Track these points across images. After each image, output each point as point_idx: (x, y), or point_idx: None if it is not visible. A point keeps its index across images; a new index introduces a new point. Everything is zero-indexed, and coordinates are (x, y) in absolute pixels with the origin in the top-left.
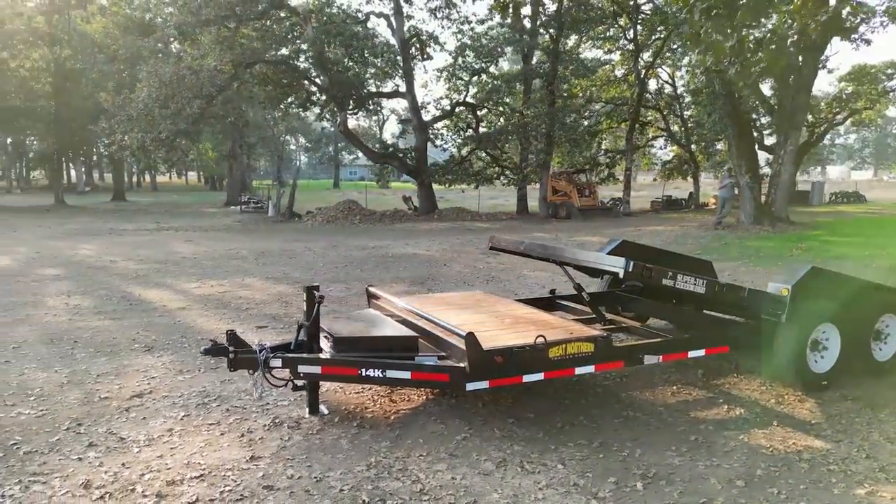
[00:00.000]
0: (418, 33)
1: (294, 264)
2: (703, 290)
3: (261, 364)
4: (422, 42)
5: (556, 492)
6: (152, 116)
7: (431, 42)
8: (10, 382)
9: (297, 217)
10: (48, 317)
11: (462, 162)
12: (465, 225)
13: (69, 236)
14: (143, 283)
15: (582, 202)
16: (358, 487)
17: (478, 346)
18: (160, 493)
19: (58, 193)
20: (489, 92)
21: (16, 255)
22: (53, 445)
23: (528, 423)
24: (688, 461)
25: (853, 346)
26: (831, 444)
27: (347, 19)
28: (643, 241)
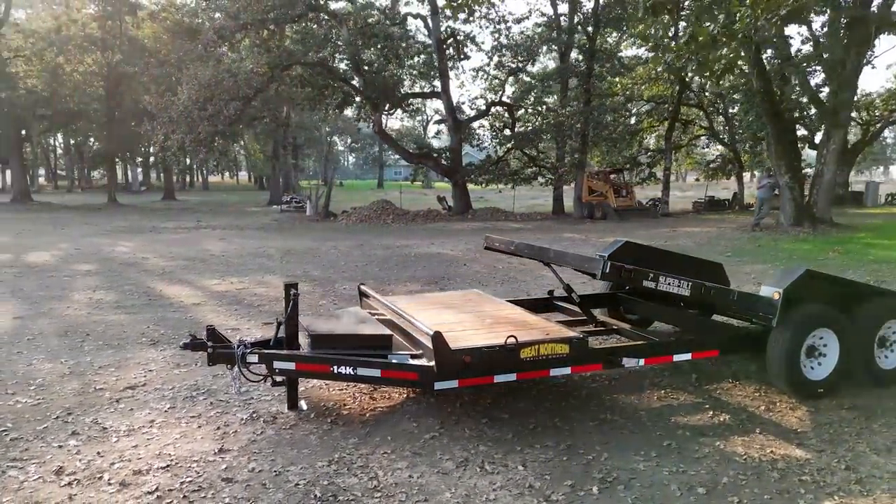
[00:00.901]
0: (454, 33)
1: (316, 263)
2: (687, 292)
3: (237, 360)
4: (458, 42)
5: (509, 493)
6: (192, 118)
7: (468, 42)
8: (16, 372)
9: (333, 216)
10: (69, 310)
11: (498, 162)
12: (498, 225)
13: (112, 234)
14: (167, 279)
15: (618, 202)
16: (314, 482)
17: (445, 346)
18: (124, 481)
19: (111, 192)
20: (525, 91)
21: (56, 251)
22: (40, 433)
23: (501, 423)
24: (653, 467)
25: (854, 354)
26: (812, 453)
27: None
28: (677, 243)
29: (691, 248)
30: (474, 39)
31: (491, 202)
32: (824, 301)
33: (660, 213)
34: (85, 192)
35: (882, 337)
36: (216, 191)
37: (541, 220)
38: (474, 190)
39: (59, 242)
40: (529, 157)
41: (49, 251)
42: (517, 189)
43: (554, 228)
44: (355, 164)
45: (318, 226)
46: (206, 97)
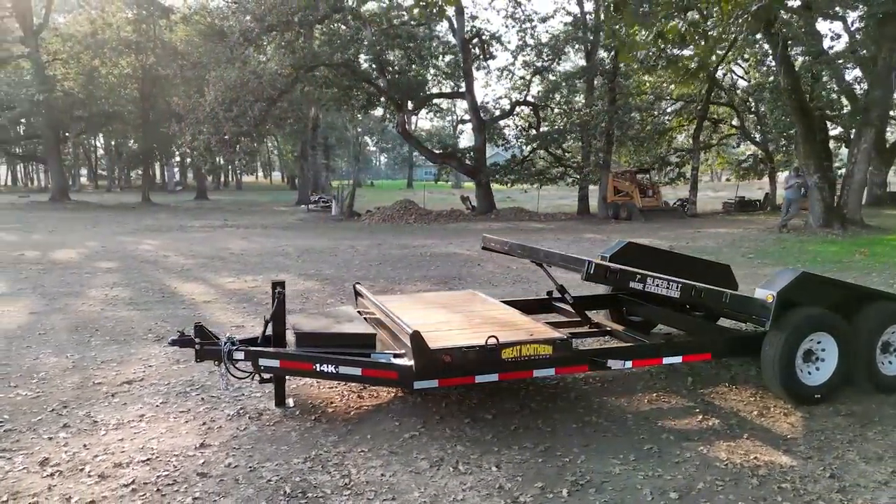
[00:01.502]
0: (479, 33)
1: (331, 262)
2: (677, 294)
3: (224, 356)
4: (483, 42)
5: (478, 493)
6: (217, 119)
7: (493, 41)
8: (22, 366)
9: (357, 216)
10: (83, 306)
11: (523, 161)
12: (520, 225)
13: (139, 232)
14: (183, 277)
15: (644, 203)
16: (286, 479)
17: (423, 345)
18: (104, 473)
19: (144, 192)
20: (550, 90)
21: (82, 249)
22: (33, 425)
23: (483, 424)
24: (629, 470)
25: (855, 359)
26: (797, 460)
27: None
28: (699, 244)
29: (713, 250)
30: (500, 39)
31: (518, 202)
32: (822, 304)
33: (687, 214)
34: (123, 191)
35: (886, 342)
36: (249, 190)
37: (564, 221)
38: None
39: (88, 240)
40: (555, 156)
41: (75, 249)
42: (546, 189)
43: (576, 229)
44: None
45: (340, 225)
46: (232, 98)
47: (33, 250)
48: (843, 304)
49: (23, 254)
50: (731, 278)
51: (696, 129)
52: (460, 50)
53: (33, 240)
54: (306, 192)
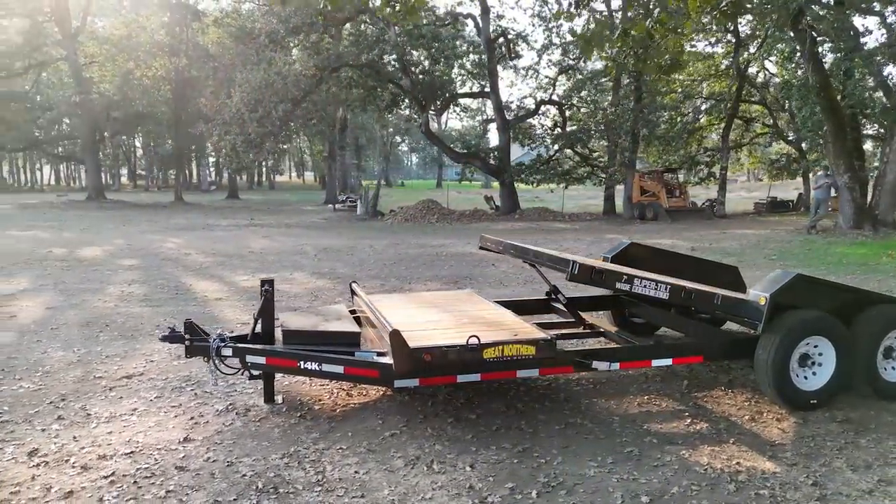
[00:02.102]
0: (505, 32)
1: (347, 260)
2: (665, 295)
3: (212, 352)
4: (509, 41)
5: (447, 493)
6: (243, 120)
7: (519, 40)
8: (29, 359)
9: (381, 215)
10: (99, 302)
11: (549, 161)
12: (543, 225)
13: (167, 230)
14: (200, 274)
15: (670, 203)
16: (261, 474)
17: (403, 344)
18: (87, 465)
19: (177, 191)
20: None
21: (108, 247)
22: (30, 417)
23: (466, 423)
24: (604, 473)
25: (854, 364)
26: (781, 467)
27: (436, 21)
28: (722, 245)
29: (735, 251)
30: (525, 38)
31: (545, 202)
32: (820, 308)
33: (715, 215)
34: (160, 191)
35: (889, 347)
36: (282, 190)
37: (589, 221)
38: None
39: (115, 238)
40: (582, 156)
41: (102, 246)
42: (575, 189)
43: (599, 229)
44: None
45: (364, 225)
46: (257, 99)
47: (62, 247)
48: (842, 308)
49: (51, 251)
50: (739, 280)
51: (725, 127)
52: (485, 49)
53: (64, 237)
54: (334, 191)
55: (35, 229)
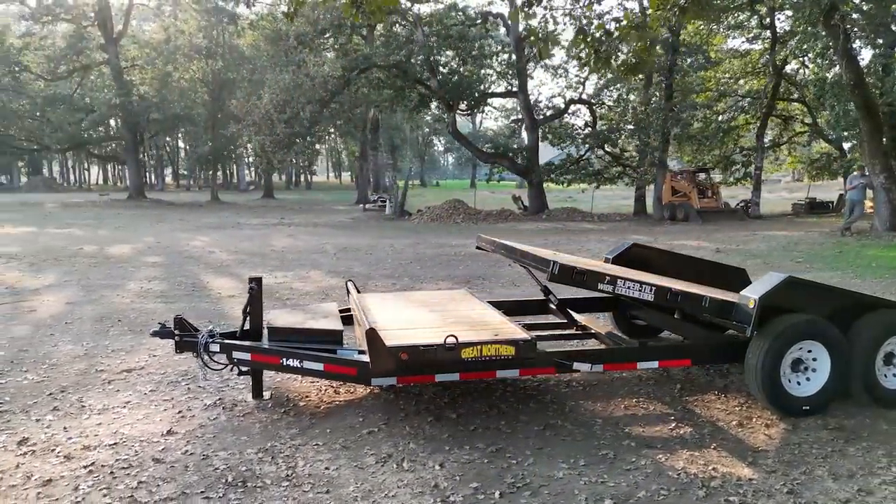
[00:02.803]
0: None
1: (364, 259)
2: (651, 297)
3: (200, 348)
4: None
5: (410, 491)
6: (272, 121)
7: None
8: (39, 352)
9: (408, 215)
10: (116, 298)
11: (578, 161)
12: (570, 226)
13: (196, 229)
14: (219, 272)
15: (702, 203)
16: (234, 468)
17: (379, 342)
18: (70, 455)
19: (213, 191)
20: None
21: (138, 244)
22: (28, 407)
23: (445, 422)
24: (573, 475)
25: (851, 371)
26: (759, 473)
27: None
28: (749, 247)
29: (762, 253)
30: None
31: (578, 202)
32: (813, 311)
33: (749, 216)
34: (201, 190)
35: (890, 353)
36: (318, 190)
37: (618, 222)
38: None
39: (146, 236)
40: (613, 156)
41: (132, 244)
42: (610, 190)
43: (626, 230)
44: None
45: (390, 224)
46: (286, 100)
47: (93, 245)
48: (839, 312)
49: (82, 248)
50: (748, 282)
51: (759, 126)
52: (514, 49)
53: (98, 235)
54: (365, 191)
55: (73, 227)
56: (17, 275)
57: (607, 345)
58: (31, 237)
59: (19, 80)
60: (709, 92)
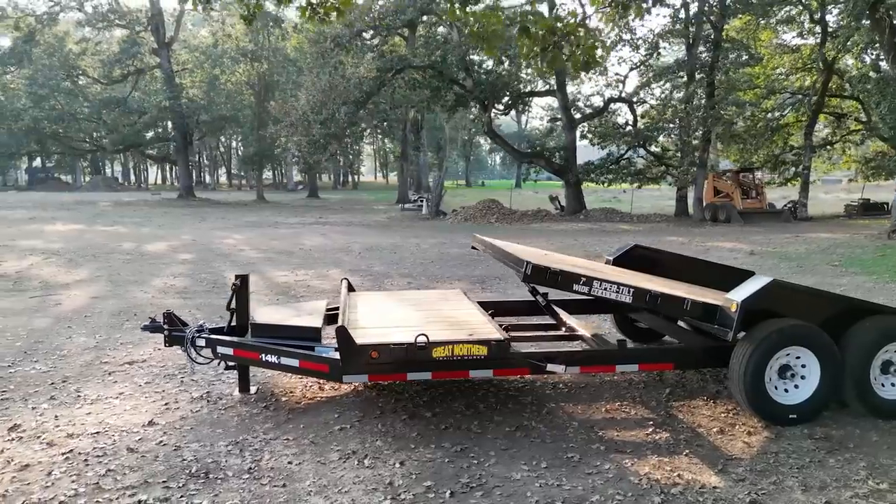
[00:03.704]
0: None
1: (386, 259)
2: (629, 299)
3: (187, 342)
4: None
5: (364, 488)
6: (307, 122)
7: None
8: (53, 343)
9: (443, 215)
10: (139, 293)
11: (619, 160)
12: (605, 226)
13: (235, 227)
14: (243, 269)
15: (745, 205)
16: (200, 460)
17: (349, 340)
18: (53, 442)
19: (258, 190)
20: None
21: (175, 242)
22: (28, 396)
23: (418, 421)
24: (531, 477)
25: (844, 378)
26: (726, 482)
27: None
28: (787, 249)
29: (799, 256)
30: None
31: (623, 202)
32: (801, 316)
33: (796, 217)
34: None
35: (887, 361)
36: (365, 189)
37: (658, 223)
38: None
39: (185, 234)
40: (655, 155)
41: (169, 241)
42: (658, 190)
43: (663, 231)
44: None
45: (423, 224)
46: (322, 101)
47: (132, 242)
48: (830, 318)
49: (121, 245)
50: None
51: (808, 125)
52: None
53: (140, 233)
54: (405, 191)
55: (119, 225)
56: (54, 270)
57: (590, 347)
58: (77, 234)
59: (78, 84)
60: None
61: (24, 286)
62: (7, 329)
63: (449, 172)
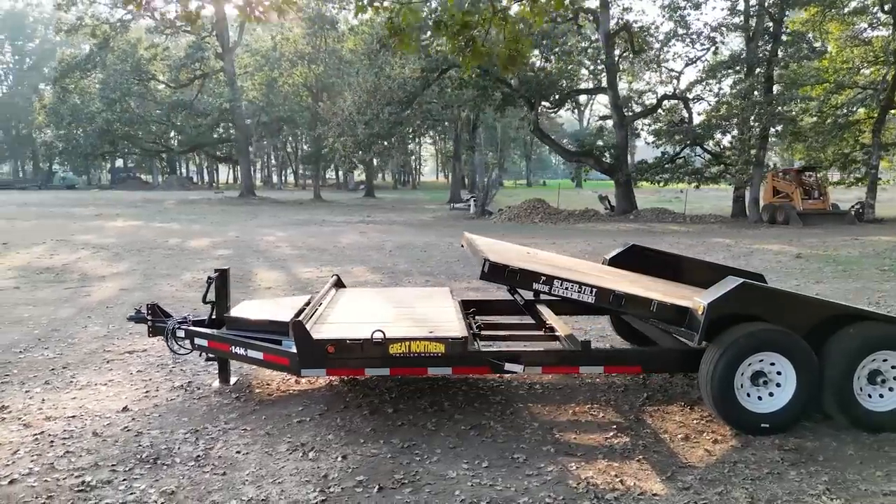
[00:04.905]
0: (628, 25)
1: (414, 257)
2: (591, 299)
3: (167, 333)
4: (631, 34)
5: (297, 479)
6: (353, 122)
7: (643, 33)
8: (67, 332)
9: (489, 214)
10: (166, 287)
11: (674, 159)
12: (654, 227)
13: (281, 225)
14: (273, 266)
15: (806, 206)
16: (155, 446)
17: (305, 335)
18: (29, 423)
19: (315, 189)
20: (699, 81)
21: (218, 238)
22: (26, 380)
23: (378, 416)
24: (466, 476)
25: (821, 387)
26: (669, 490)
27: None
28: (838, 253)
29: (848, 259)
30: (649, 30)
31: (681, 202)
32: (776, 321)
33: (862, 219)
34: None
35: (875, 371)
36: (424, 189)
37: (711, 224)
38: (659, 190)
39: (231, 231)
40: (713, 154)
41: (213, 238)
42: (724, 190)
43: (713, 233)
44: (564, 163)
45: (466, 223)
46: (367, 102)
47: (179, 238)
48: (809, 323)
49: (167, 240)
50: None
51: (876, 121)
52: (603, 44)
53: (190, 229)
54: (457, 190)
55: (175, 222)
56: (96, 263)
57: (563, 347)
58: (133, 230)
59: (148, 88)
60: (826, 84)
61: (64, 278)
62: (33, 318)
63: (511, 172)
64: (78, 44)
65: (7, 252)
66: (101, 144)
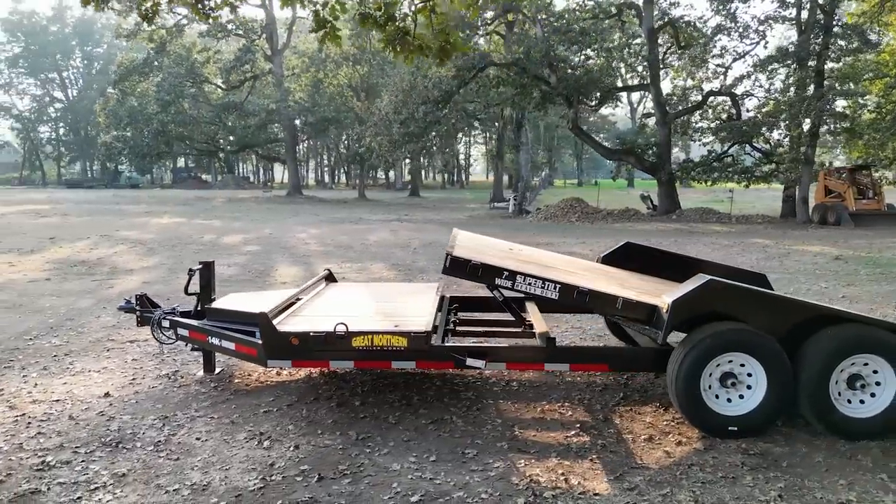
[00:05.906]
0: (672, 21)
1: (436, 255)
2: (555, 295)
3: (153, 323)
4: (676, 29)
5: (245, 467)
6: (388, 121)
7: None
8: (80, 321)
9: (527, 213)
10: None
11: (721, 158)
12: (696, 227)
13: (318, 222)
14: (295, 261)
15: (859, 206)
16: (122, 430)
17: (270, 327)
18: (15, 405)
19: (360, 189)
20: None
21: (252, 234)
22: (28, 365)
23: (344, 409)
24: (409, 469)
25: (799, 392)
26: (613, 490)
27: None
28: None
29: (890, 262)
30: (695, 25)
31: (735, 203)
32: (748, 320)
33: None
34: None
35: (854, 375)
36: (472, 188)
37: (756, 224)
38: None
39: (267, 228)
40: (763, 152)
41: (247, 234)
42: (776, 190)
43: (755, 233)
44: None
45: (502, 222)
46: (402, 101)
47: (215, 234)
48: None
49: (203, 237)
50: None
51: None
52: (647, 40)
53: (229, 226)
54: (499, 189)
55: (217, 219)
56: (129, 258)
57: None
58: (174, 226)
59: (202, 90)
60: (886, 78)
61: (95, 271)
62: (53, 307)
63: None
64: (142, 49)
65: (52, 246)
66: (157, 145)
